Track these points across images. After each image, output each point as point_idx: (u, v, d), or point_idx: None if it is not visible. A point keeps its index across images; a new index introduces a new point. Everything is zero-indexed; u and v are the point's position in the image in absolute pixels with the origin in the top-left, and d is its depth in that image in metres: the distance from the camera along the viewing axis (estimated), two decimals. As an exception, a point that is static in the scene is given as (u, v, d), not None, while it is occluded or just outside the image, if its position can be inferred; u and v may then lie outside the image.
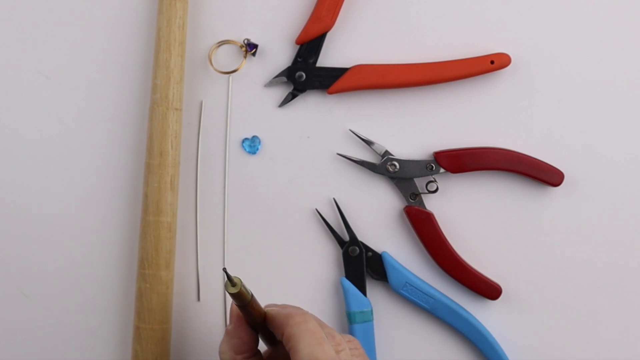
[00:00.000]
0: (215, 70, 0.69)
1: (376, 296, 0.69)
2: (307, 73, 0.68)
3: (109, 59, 0.69)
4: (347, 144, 0.69)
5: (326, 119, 0.69)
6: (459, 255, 0.68)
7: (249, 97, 0.69)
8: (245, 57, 0.69)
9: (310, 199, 0.69)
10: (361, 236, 0.69)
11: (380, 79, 0.67)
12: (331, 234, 0.69)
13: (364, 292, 0.68)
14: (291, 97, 0.69)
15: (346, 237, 0.69)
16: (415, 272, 0.69)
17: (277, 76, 0.69)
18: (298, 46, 0.69)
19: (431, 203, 0.69)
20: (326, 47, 0.69)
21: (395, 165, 0.68)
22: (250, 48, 0.69)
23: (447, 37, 0.69)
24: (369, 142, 0.69)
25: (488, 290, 0.68)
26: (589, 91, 0.69)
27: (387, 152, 0.69)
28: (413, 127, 0.69)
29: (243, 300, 0.57)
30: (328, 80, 0.68)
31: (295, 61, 0.69)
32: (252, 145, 0.69)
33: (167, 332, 0.67)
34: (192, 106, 0.69)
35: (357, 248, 0.69)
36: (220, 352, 0.59)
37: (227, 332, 0.59)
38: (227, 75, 0.69)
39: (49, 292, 0.69)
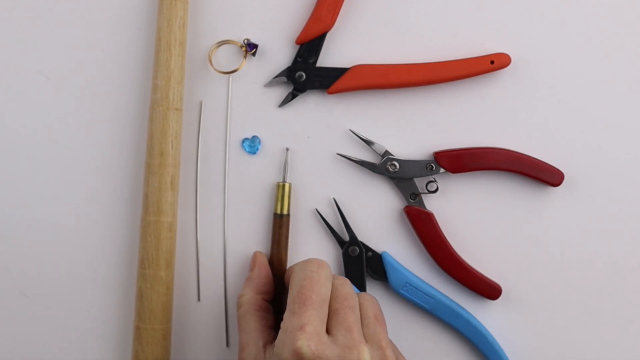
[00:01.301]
0: (215, 70, 0.69)
1: (376, 296, 0.69)
2: (307, 73, 0.68)
3: (109, 59, 0.69)
4: (347, 144, 0.69)
5: (326, 119, 0.69)
6: (459, 255, 0.68)
7: (249, 97, 0.69)
8: (245, 57, 0.69)
9: (310, 199, 0.69)
10: (361, 236, 0.69)
11: (380, 79, 0.67)
12: (331, 234, 0.69)
13: (364, 292, 0.68)
14: (291, 97, 0.69)
15: (346, 237, 0.69)
16: (415, 272, 0.69)
17: (277, 76, 0.69)
18: (298, 46, 0.68)
19: (431, 203, 0.69)
20: (326, 47, 0.69)
21: (395, 165, 0.68)
22: (250, 48, 0.69)
23: (447, 37, 0.69)
24: (369, 142, 0.69)
25: (488, 290, 0.68)
26: (589, 91, 0.69)
27: (387, 152, 0.68)
28: (413, 127, 0.69)
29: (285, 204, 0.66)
30: (328, 80, 0.68)
31: (295, 61, 0.69)
32: (252, 145, 0.69)
33: (167, 332, 0.67)
34: (192, 106, 0.69)
35: (357, 248, 0.69)
36: (240, 295, 0.63)
37: (247, 278, 0.65)
38: (227, 75, 0.69)
39: (49, 292, 0.70)
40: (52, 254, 0.70)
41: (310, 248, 0.70)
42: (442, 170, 0.68)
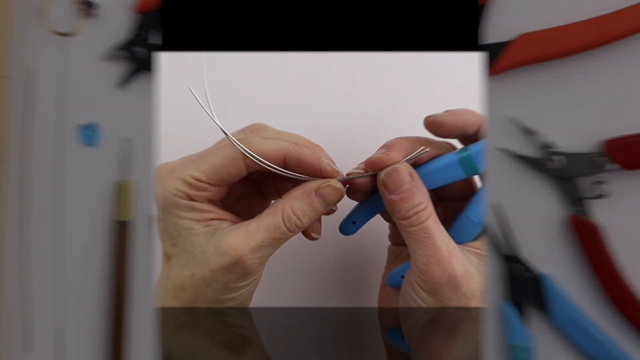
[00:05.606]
0: (48, 30, 0.61)
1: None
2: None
3: None
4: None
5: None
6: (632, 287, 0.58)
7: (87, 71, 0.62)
8: (84, 17, 0.61)
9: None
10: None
11: (546, 49, 0.58)
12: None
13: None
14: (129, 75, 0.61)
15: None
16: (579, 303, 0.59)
17: (120, 49, 0.61)
18: (141, 16, 0.61)
19: (599, 211, 0.59)
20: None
21: (560, 161, 0.59)
22: (89, 6, 0.61)
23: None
24: (529, 132, 0.59)
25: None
26: None
27: (547, 145, 0.59)
28: (574, 110, 0.59)
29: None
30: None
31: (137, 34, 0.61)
32: (89, 134, 0.61)
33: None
34: (21, 74, 0.63)
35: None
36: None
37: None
38: (63, 38, 0.60)
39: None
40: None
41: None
42: (613, 166, 0.59)
